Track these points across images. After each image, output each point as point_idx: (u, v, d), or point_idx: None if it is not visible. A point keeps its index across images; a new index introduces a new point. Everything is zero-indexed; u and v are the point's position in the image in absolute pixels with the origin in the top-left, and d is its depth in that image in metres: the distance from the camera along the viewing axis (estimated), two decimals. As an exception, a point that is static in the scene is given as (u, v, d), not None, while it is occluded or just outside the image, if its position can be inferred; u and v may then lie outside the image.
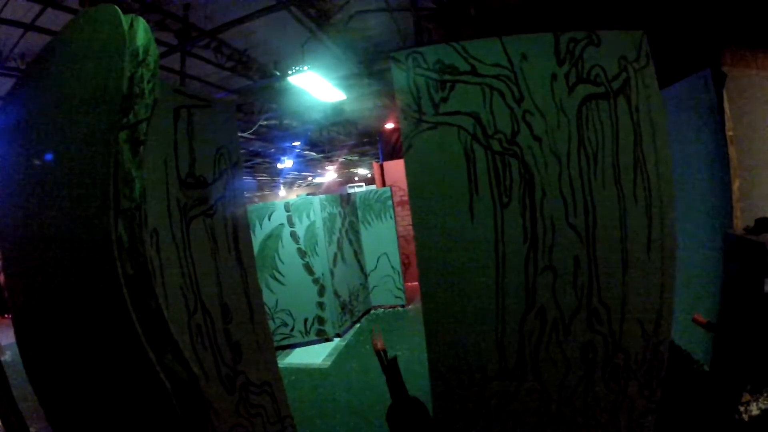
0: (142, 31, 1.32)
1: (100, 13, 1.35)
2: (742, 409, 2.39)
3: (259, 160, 11.02)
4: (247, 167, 11.38)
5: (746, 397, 2.44)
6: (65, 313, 1.50)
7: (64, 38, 1.53)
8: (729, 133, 2.29)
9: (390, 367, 1.79)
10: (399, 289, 5.49)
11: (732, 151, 2.28)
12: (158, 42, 3.30)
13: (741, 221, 2.32)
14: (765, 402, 2.41)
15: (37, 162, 1.63)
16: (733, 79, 2.38)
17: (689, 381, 2.61)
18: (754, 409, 2.39)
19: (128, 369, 1.44)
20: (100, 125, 1.34)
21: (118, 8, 1.32)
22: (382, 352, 1.87)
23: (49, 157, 1.56)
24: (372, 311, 5.52)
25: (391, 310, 5.50)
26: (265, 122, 6.45)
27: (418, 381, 3.15)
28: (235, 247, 1.82)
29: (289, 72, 3.78)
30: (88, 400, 1.58)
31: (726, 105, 2.30)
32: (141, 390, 1.45)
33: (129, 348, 1.39)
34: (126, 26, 1.29)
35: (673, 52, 2.57)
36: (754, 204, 2.34)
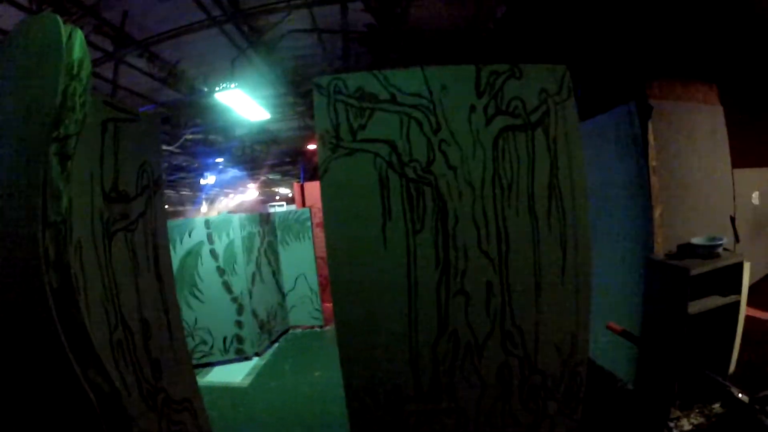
0: (78, 45, 1.33)
1: (42, 21, 1.35)
2: (672, 424, 2.48)
3: (182, 174, 10.92)
4: (169, 181, 11.24)
5: (676, 412, 2.54)
6: None
7: (6, 44, 1.52)
8: (652, 163, 2.41)
9: None
10: (317, 309, 5.54)
11: (654, 180, 2.40)
12: (93, 47, 3.26)
13: (662, 247, 2.44)
14: (697, 417, 2.52)
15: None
16: (660, 111, 2.52)
17: (614, 400, 2.70)
18: (686, 425, 2.49)
19: (54, 382, 1.42)
20: (32, 137, 1.34)
21: (59, 18, 1.32)
22: None
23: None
24: (290, 331, 5.53)
25: (309, 330, 5.53)
26: (190, 136, 6.43)
27: (336, 401, 3.19)
28: (155, 263, 1.81)
29: (217, 88, 3.81)
30: (17, 412, 1.54)
31: (650, 136, 2.43)
32: (67, 403, 1.43)
33: (54, 361, 1.37)
34: (65, 38, 1.30)
35: (600, 85, 2.70)
36: (675, 231, 2.47)
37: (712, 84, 3.07)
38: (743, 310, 2.61)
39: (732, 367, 2.68)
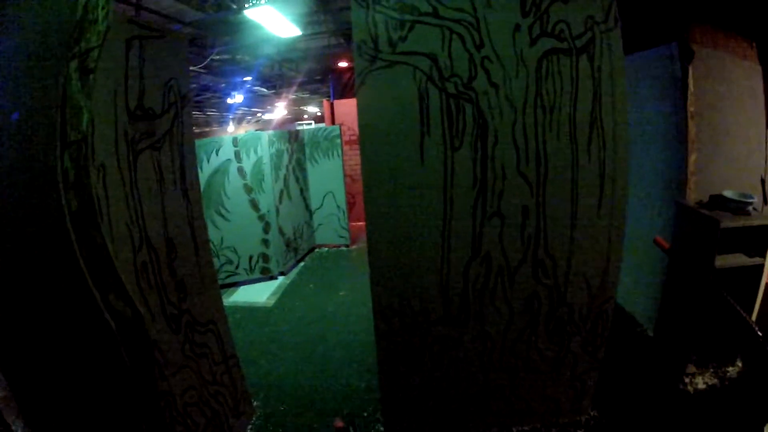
0: None
1: None
2: (687, 380, 2.48)
3: (209, 94, 10.77)
4: (196, 102, 11.08)
5: (692, 368, 2.54)
6: (9, 247, 1.44)
7: None
8: (690, 108, 2.32)
9: None
10: (344, 228, 5.51)
11: (691, 125, 2.32)
12: None
13: (694, 194, 2.38)
14: (711, 378, 2.51)
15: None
16: (699, 56, 2.41)
17: (633, 344, 2.70)
18: (700, 383, 2.48)
19: (73, 308, 1.40)
20: (50, 55, 1.29)
21: None
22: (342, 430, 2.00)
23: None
24: (316, 250, 5.55)
25: (335, 249, 5.53)
26: (217, 56, 6.30)
27: (361, 322, 3.23)
28: (181, 181, 1.77)
29: (246, 5, 3.67)
30: (35, 341, 1.54)
31: (690, 80, 2.33)
32: (86, 330, 1.42)
33: (73, 286, 1.35)
34: None
35: (641, 20, 2.57)
36: (706, 180, 2.40)
37: (752, 42, 2.94)
38: (766, 275, 2.55)
39: (749, 333, 2.65)
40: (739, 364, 2.57)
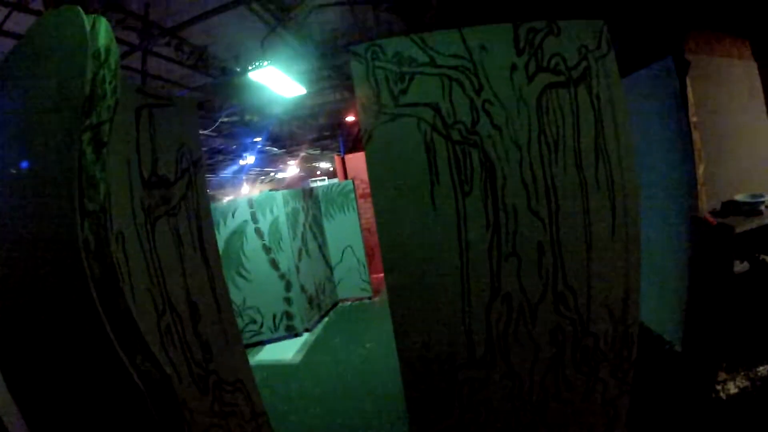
0: (103, 32, 1.32)
1: (63, 14, 1.34)
2: (718, 387, 2.44)
3: (221, 157, 11.02)
4: (209, 165, 11.35)
5: (722, 375, 2.49)
6: (36, 314, 1.48)
7: (28, 40, 1.52)
8: (693, 119, 2.33)
9: None
10: (365, 281, 5.57)
11: (696, 136, 2.32)
12: (120, 41, 3.27)
13: (706, 205, 2.37)
14: (742, 381, 2.46)
15: (1, 164, 1.61)
16: (696, 66, 2.43)
17: (662, 362, 2.65)
18: (732, 388, 2.44)
19: (101, 371, 1.43)
20: (62, 127, 1.34)
21: (80, 9, 1.31)
22: None
23: (13, 159, 1.54)
24: (339, 304, 5.57)
25: (358, 302, 5.55)
26: (226, 119, 6.45)
27: (389, 373, 3.15)
28: (200, 245, 1.81)
29: (249, 68, 3.79)
30: (64, 402, 1.57)
31: (689, 91, 2.34)
32: (115, 392, 1.44)
33: (100, 350, 1.38)
34: (88, 27, 1.29)
35: (635, 40, 2.61)
36: (718, 188, 2.39)
37: (744, 40, 2.96)
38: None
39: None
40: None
